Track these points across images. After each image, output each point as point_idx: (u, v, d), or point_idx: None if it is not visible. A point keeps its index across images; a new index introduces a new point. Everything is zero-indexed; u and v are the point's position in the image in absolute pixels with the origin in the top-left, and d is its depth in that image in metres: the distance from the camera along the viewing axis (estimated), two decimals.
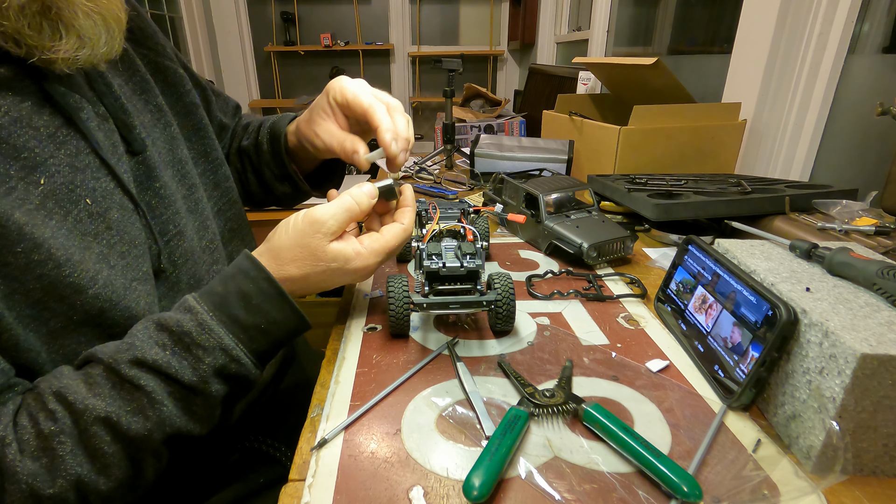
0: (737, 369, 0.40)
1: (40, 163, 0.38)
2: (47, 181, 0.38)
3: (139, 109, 0.50)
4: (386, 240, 0.47)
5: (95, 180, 0.42)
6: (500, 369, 0.45)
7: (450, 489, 0.33)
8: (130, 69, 0.51)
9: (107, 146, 0.44)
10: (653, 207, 0.71)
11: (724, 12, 1.32)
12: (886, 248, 0.58)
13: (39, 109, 0.39)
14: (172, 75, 0.56)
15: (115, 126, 0.45)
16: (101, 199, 0.42)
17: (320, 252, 0.45)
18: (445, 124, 1.34)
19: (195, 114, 0.57)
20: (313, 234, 0.44)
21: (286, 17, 3.81)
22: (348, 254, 0.45)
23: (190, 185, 0.53)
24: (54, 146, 0.40)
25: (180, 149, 0.54)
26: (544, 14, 2.92)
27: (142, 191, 0.47)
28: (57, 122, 0.40)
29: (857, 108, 0.96)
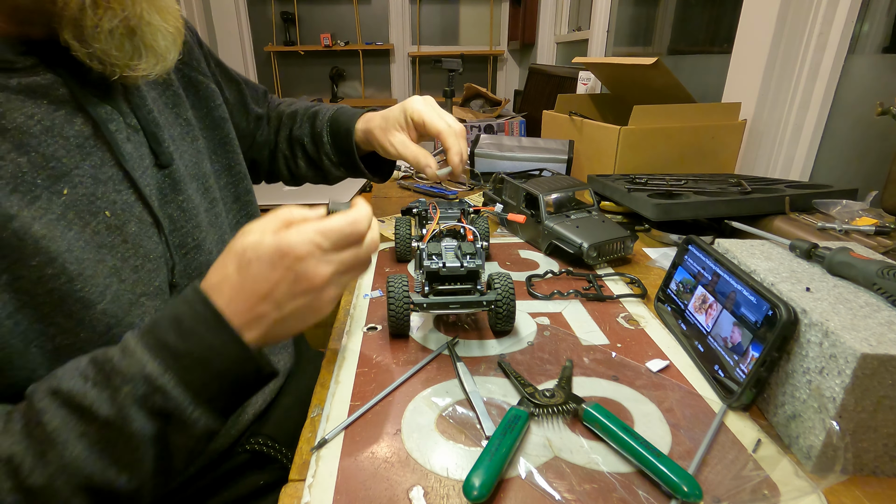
0: (737, 369, 0.40)
1: (65, 173, 0.39)
2: (70, 192, 0.39)
3: (169, 122, 0.51)
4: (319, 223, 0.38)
5: (117, 192, 0.42)
6: (500, 369, 0.45)
7: (450, 489, 0.33)
8: (165, 82, 0.52)
9: (134, 158, 0.44)
10: (653, 207, 0.71)
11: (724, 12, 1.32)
12: (886, 248, 0.58)
13: (72, 118, 0.40)
14: (204, 90, 0.58)
15: (144, 138, 0.46)
16: (120, 211, 0.42)
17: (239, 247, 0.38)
18: None
19: (223, 128, 0.59)
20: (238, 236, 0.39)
21: (286, 17, 3.81)
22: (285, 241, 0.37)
23: (212, 198, 0.55)
24: (81, 156, 0.40)
25: (205, 163, 0.55)
26: (544, 14, 2.92)
27: (165, 203, 0.48)
28: (87, 132, 0.41)
29: (857, 108, 0.96)
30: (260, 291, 0.37)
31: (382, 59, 4.08)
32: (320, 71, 4.05)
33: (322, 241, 0.37)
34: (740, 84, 1.10)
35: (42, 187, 0.37)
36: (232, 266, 0.37)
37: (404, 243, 0.67)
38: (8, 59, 0.37)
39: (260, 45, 3.96)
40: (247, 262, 0.37)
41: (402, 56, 4.04)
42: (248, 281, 0.37)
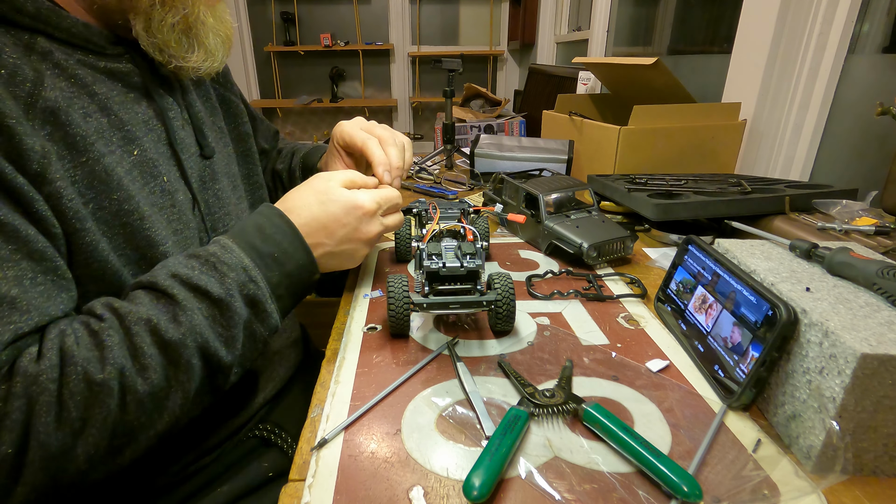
0: (737, 369, 0.40)
1: (136, 138, 0.46)
2: (140, 153, 0.46)
3: (209, 127, 0.58)
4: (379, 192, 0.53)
5: (169, 167, 0.49)
6: (500, 369, 0.45)
7: (450, 489, 0.33)
8: (205, 95, 0.60)
9: (185, 143, 0.52)
10: (653, 207, 0.71)
11: (724, 12, 1.32)
12: (886, 248, 0.58)
13: (140, 101, 0.48)
14: (235, 108, 0.66)
15: (193, 131, 0.54)
16: (172, 180, 0.49)
17: (321, 187, 0.50)
18: (445, 124, 1.34)
19: (247, 142, 0.67)
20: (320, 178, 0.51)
21: (286, 17, 3.82)
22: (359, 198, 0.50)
23: (238, 196, 0.61)
24: (146, 129, 0.48)
25: (233, 166, 0.62)
26: (544, 14, 2.92)
27: (204, 189, 0.54)
28: (151, 114, 0.49)
29: (857, 108, 0.96)
30: (330, 226, 0.49)
31: (382, 59, 4.08)
32: (320, 71, 4.05)
33: (382, 203, 0.52)
34: (740, 84, 1.10)
35: (117, 144, 0.44)
36: (313, 198, 0.49)
37: (404, 243, 0.67)
38: (102, 45, 0.45)
39: (260, 45, 3.96)
40: (328, 201, 0.49)
41: (402, 56, 4.04)
42: (324, 215, 0.49)
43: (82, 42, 0.44)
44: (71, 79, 0.42)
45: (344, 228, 0.49)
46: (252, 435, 0.57)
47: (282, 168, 0.78)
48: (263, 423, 0.58)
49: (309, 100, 3.97)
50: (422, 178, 1.22)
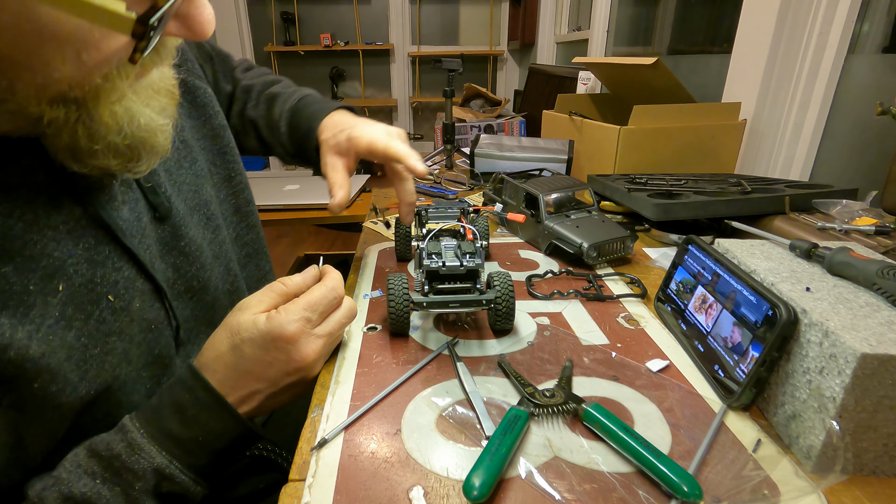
0: (737, 369, 0.40)
1: (59, 267, 0.35)
2: (66, 286, 0.35)
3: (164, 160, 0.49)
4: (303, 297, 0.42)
5: (117, 271, 0.39)
6: (500, 369, 0.45)
7: (450, 489, 0.33)
8: None
9: (131, 225, 0.41)
10: (653, 207, 0.71)
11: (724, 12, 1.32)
12: (886, 248, 0.58)
13: (57, 201, 0.36)
14: (202, 95, 0.54)
15: (140, 193, 0.43)
16: (123, 291, 0.39)
17: (233, 323, 0.40)
18: (445, 124, 1.34)
19: (222, 136, 0.57)
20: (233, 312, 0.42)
21: (286, 17, 3.81)
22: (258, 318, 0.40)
23: (214, 226, 0.52)
24: (73, 242, 0.36)
25: (205, 188, 0.52)
26: (544, 14, 2.92)
27: (167, 253, 0.45)
28: (77, 213, 0.37)
29: (857, 108, 0.96)
30: (254, 371, 0.40)
31: (382, 59, 4.08)
32: (320, 71, 4.05)
33: (311, 315, 0.41)
34: (740, 84, 1.10)
35: (35, 293, 0.34)
36: (226, 344, 0.40)
37: (404, 243, 0.68)
38: None
39: (260, 45, 3.96)
40: (241, 343, 0.39)
41: (402, 56, 4.04)
42: (242, 361, 0.39)
43: None
44: None
45: (272, 367, 0.40)
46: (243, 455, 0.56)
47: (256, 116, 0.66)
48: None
49: None
50: (422, 178, 1.22)
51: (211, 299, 0.51)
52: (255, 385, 0.40)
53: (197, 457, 0.38)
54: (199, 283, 0.49)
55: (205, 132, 0.55)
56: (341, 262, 0.73)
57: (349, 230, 3.01)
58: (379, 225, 0.84)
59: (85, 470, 0.35)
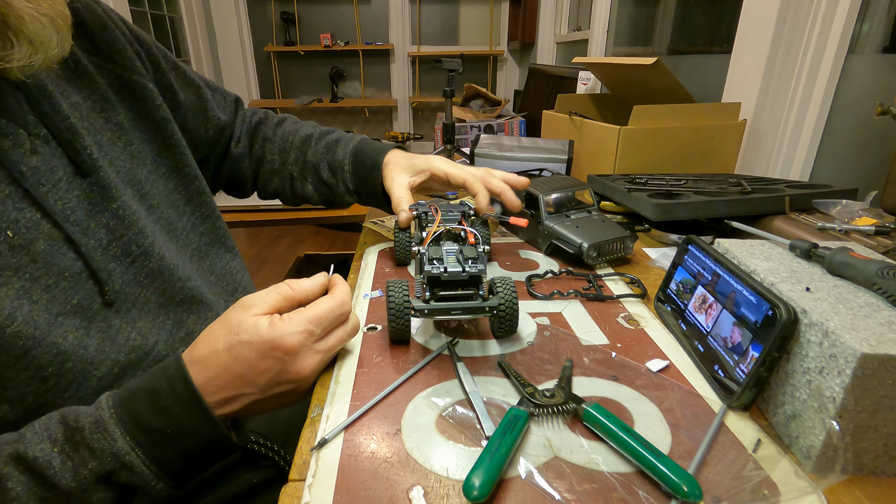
0: (737, 369, 0.40)
1: None
2: None
3: (97, 128, 0.49)
4: (308, 309, 0.41)
5: (18, 211, 0.40)
6: (500, 369, 0.45)
7: (450, 489, 0.33)
8: (90, 87, 0.50)
9: (39, 172, 0.42)
10: (653, 207, 0.71)
11: (724, 12, 1.32)
12: (886, 248, 0.58)
13: None
14: (141, 90, 0.54)
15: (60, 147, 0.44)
16: (24, 230, 0.40)
17: (234, 322, 0.39)
18: (445, 124, 1.34)
19: (166, 129, 0.57)
20: (234, 308, 0.41)
21: (286, 17, 3.82)
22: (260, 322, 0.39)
23: (149, 205, 0.52)
24: None
25: (140, 168, 0.53)
26: (544, 14, 2.92)
27: (97, 213, 0.46)
28: None
29: (857, 108, 0.96)
30: (246, 376, 0.39)
31: (382, 59, 4.08)
32: (320, 71, 4.05)
33: (315, 329, 0.40)
34: (740, 84, 1.10)
35: None
36: (222, 342, 0.39)
37: (404, 247, 0.67)
38: None
39: (260, 45, 3.96)
40: (238, 344, 0.38)
41: (402, 56, 4.04)
42: (236, 363, 0.38)
43: None
44: None
45: (265, 374, 0.39)
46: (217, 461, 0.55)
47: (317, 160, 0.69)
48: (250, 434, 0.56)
49: (309, 100, 3.97)
50: None
51: (156, 267, 0.50)
52: (243, 389, 0.39)
53: (163, 450, 0.36)
54: (138, 248, 0.48)
55: (147, 125, 0.55)
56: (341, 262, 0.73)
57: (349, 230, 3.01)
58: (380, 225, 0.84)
59: (50, 434, 0.35)
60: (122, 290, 0.47)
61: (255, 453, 0.55)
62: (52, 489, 0.33)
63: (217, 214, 0.63)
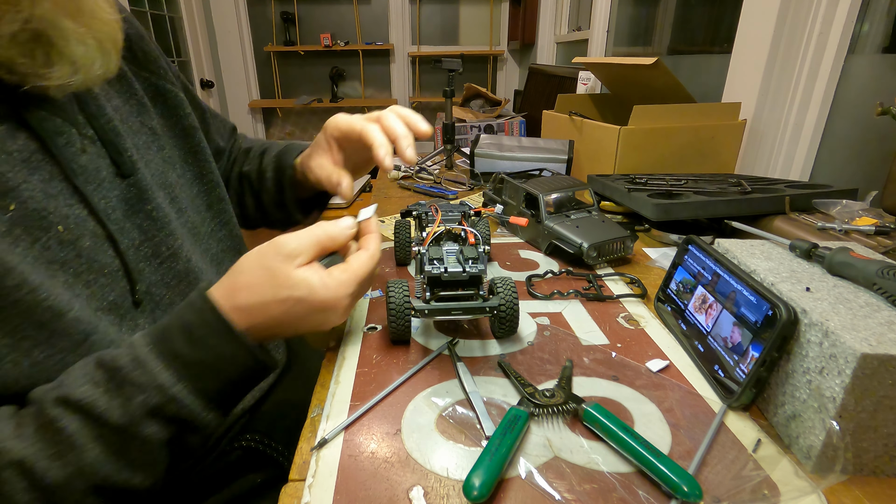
0: (737, 369, 0.40)
1: (12, 188, 0.37)
2: (18, 207, 0.37)
3: (134, 131, 0.50)
4: (353, 269, 0.43)
5: (68, 207, 0.41)
6: (500, 369, 0.45)
7: (450, 489, 0.33)
8: (128, 91, 0.52)
9: (88, 171, 0.43)
10: (653, 207, 0.71)
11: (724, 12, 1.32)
12: (886, 248, 0.58)
13: (14, 134, 0.39)
14: (173, 98, 0.57)
15: (104, 148, 0.45)
16: (73, 226, 0.41)
17: (282, 276, 0.40)
18: (445, 124, 1.34)
19: (193, 136, 0.58)
20: (274, 255, 0.41)
21: (286, 17, 3.81)
22: (313, 281, 0.40)
23: (178, 208, 0.53)
24: (28, 171, 0.39)
25: (171, 173, 0.54)
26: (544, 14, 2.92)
27: (133, 213, 0.47)
28: (32, 147, 0.39)
29: (857, 108, 0.96)
30: (293, 325, 0.41)
31: (382, 59, 4.08)
32: (320, 71, 4.05)
33: (361, 290, 0.43)
34: (740, 84, 1.10)
35: None
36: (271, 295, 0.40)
37: (403, 247, 0.67)
38: None
39: (260, 45, 3.96)
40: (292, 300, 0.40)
41: (402, 56, 4.04)
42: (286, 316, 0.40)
43: None
44: None
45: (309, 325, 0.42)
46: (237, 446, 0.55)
47: (249, 170, 0.69)
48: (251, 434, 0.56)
49: (309, 100, 3.97)
50: (422, 178, 1.22)
51: (183, 269, 0.51)
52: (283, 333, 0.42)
53: (205, 381, 0.37)
54: (168, 250, 0.49)
55: (176, 131, 0.57)
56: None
57: None
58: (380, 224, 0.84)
59: (90, 378, 0.35)
60: (149, 291, 0.48)
61: (257, 453, 0.55)
62: (103, 425, 0.34)
63: (234, 223, 0.64)
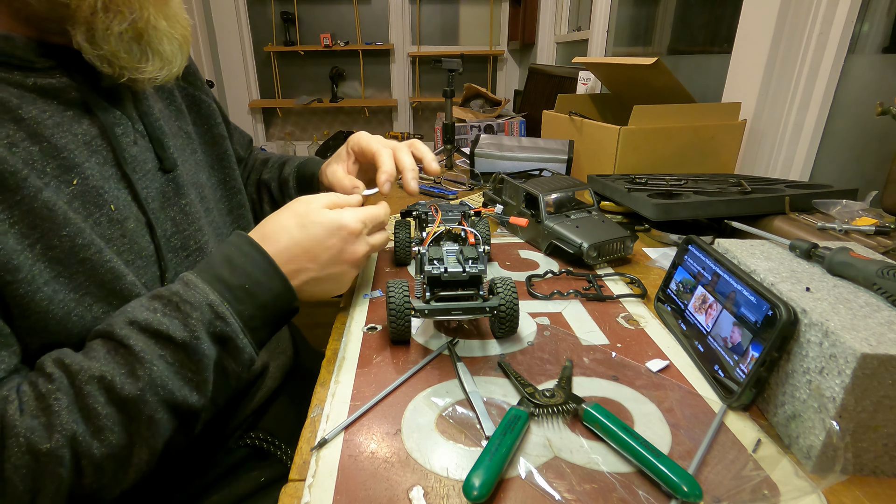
0: (737, 369, 0.40)
1: (77, 164, 0.41)
2: (80, 182, 0.41)
3: (173, 133, 0.55)
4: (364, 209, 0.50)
5: (118, 190, 0.45)
6: (500, 369, 0.45)
7: (450, 489, 0.33)
8: (169, 98, 0.57)
9: (136, 161, 0.47)
10: (653, 207, 0.71)
11: (724, 12, 1.32)
12: (886, 248, 0.58)
13: (80, 119, 0.43)
14: (206, 108, 0.62)
15: (150, 143, 0.50)
16: (122, 207, 0.44)
17: (301, 210, 0.47)
18: (445, 124, 1.34)
19: (222, 144, 0.63)
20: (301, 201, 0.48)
21: (286, 17, 3.82)
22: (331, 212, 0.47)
23: (206, 207, 0.57)
24: (88, 153, 0.43)
25: (202, 174, 0.58)
26: (544, 14, 2.92)
27: (168, 206, 0.50)
28: (93, 132, 0.44)
29: (857, 108, 0.96)
30: (312, 250, 0.46)
31: (382, 59, 4.08)
32: (320, 71, 4.05)
33: (368, 222, 0.50)
34: (740, 84, 1.10)
35: (52, 175, 0.40)
36: (293, 221, 0.46)
37: (403, 247, 0.67)
38: (29, 58, 0.40)
39: (260, 45, 3.96)
40: (309, 223, 0.46)
41: (402, 56, 4.04)
42: (306, 239, 0.46)
43: (3, 57, 0.39)
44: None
45: (328, 251, 0.46)
46: (242, 444, 0.56)
47: (270, 177, 0.74)
48: (255, 432, 0.57)
49: (309, 100, 3.97)
50: (422, 179, 1.22)
51: None
52: (306, 264, 0.46)
53: (244, 304, 0.42)
54: (195, 244, 0.52)
55: (207, 138, 0.62)
56: None
57: None
58: None
59: (147, 307, 0.39)
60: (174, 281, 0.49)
61: (262, 451, 0.56)
62: (168, 343, 0.37)
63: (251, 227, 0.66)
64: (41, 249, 0.37)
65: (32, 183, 0.37)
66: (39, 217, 0.37)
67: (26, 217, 0.37)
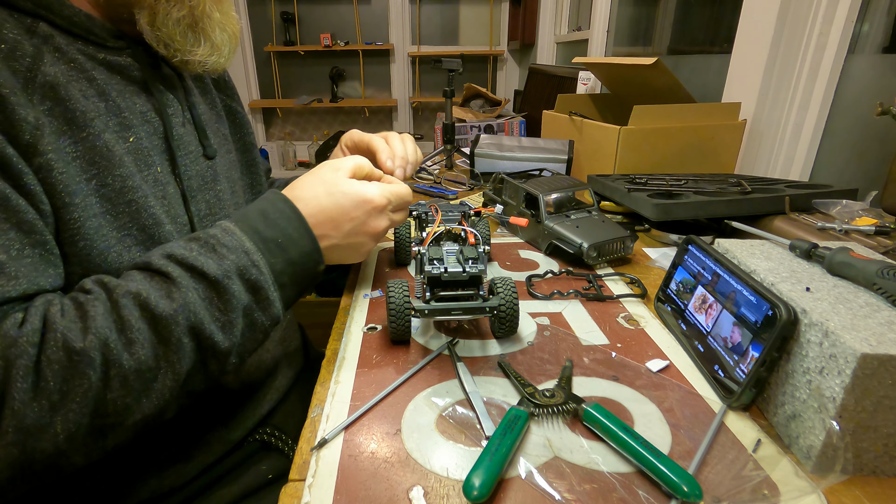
0: (737, 369, 0.40)
1: (133, 125, 0.46)
2: (135, 140, 0.46)
3: (213, 131, 0.58)
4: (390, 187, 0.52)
5: (162, 161, 0.49)
6: (500, 369, 0.45)
7: (450, 489, 0.33)
8: (211, 102, 0.61)
9: (185, 141, 0.51)
10: (653, 207, 0.71)
11: (724, 12, 1.32)
12: (886, 248, 0.58)
13: (139, 94, 0.48)
14: (241, 118, 0.67)
15: (195, 131, 0.54)
16: (165, 174, 0.48)
17: (330, 180, 0.49)
18: (445, 124, 1.34)
19: (251, 152, 0.68)
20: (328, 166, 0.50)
21: (286, 17, 3.81)
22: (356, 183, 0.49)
23: (236, 202, 0.60)
24: (142, 121, 0.47)
25: (234, 172, 0.62)
26: (544, 14, 2.92)
27: (206, 188, 0.53)
28: (149, 107, 0.48)
29: (857, 108, 0.96)
30: (337, 219, 0.48)
31: (382, 59, 4.08)
32: (320, 71, 4.05)
33: (392, 200, 0.51)
34: (740, 84, 1.10)
35: (112, 130, 0.44)
36: (321, 188, 0.48)
37: (404, 247, 0.67)
38: (103, 37, 0.45)
39: (260, 45, 3.96)
40: (337, 192, 0.48)
41: (402, 56, 4.04)
42: (333, 207, 0.48)
43: (83, 32, 0.44)
44: (70, 62, 0.42)
45: (352, 222, 0.48)
46: (252, 440, 0.57)
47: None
48: (263, 427, 0.58)
49: (309, 100, 3.97)
50: (422, 178, 1.22)
51: None
52: (330, 231, 0.48)
53: (276, 257, 0.43)
54: None
55: (239, 145, 0.66)
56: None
57: None
58: None
59: (184, 247, 0.41)
60: None
61: (269, 446, 0.56)
62: (202, 278, 0.39)
63: None
64: (96, 185, 0.41)
65: (97, 126, 0.42)
66: (99, 155, 0.42)
67: (88, 153, 0.41)
